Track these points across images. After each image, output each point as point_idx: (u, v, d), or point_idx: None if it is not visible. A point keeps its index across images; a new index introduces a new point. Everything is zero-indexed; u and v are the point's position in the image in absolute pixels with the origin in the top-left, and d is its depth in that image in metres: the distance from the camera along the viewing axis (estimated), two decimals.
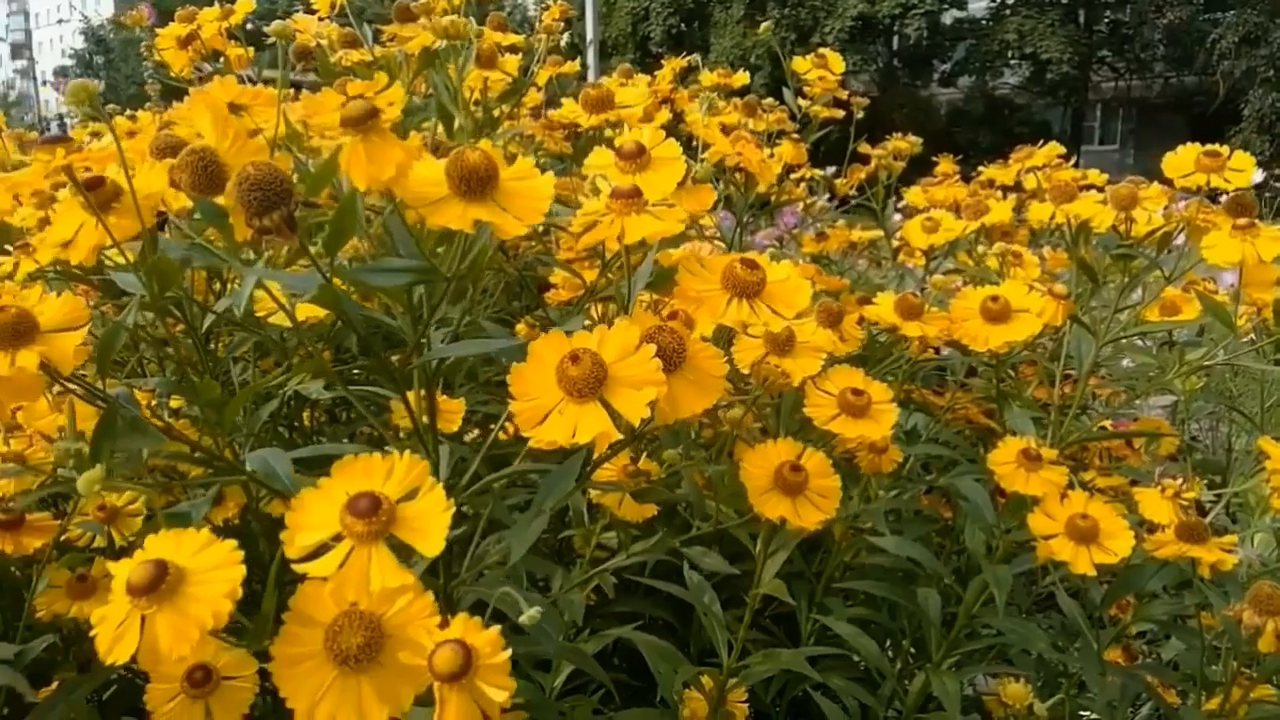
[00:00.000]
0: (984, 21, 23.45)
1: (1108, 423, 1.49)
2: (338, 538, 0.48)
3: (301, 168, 0.72)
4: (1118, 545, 0.91)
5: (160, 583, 0.46)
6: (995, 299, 0.94)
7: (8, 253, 0.99)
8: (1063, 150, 1.32)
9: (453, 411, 1.04)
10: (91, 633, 0.47)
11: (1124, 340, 1.17)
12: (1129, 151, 23.93)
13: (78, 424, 0.79)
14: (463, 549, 0.83)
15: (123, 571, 0.47)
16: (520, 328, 1.36)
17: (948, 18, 23.41)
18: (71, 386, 0.60)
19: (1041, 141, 1.34)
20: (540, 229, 1.16)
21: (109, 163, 0.59)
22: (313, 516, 0.49)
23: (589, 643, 1.09)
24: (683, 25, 23.81)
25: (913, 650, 1.34)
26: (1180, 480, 1.04)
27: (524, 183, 0.54)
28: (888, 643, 1.36)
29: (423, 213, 0.51)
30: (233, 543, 0.48)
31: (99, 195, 0.58)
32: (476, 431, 1.23)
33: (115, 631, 0.46)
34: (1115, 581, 1.13)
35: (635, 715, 1.08)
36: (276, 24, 0.70)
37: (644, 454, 0.88)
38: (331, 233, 0.52)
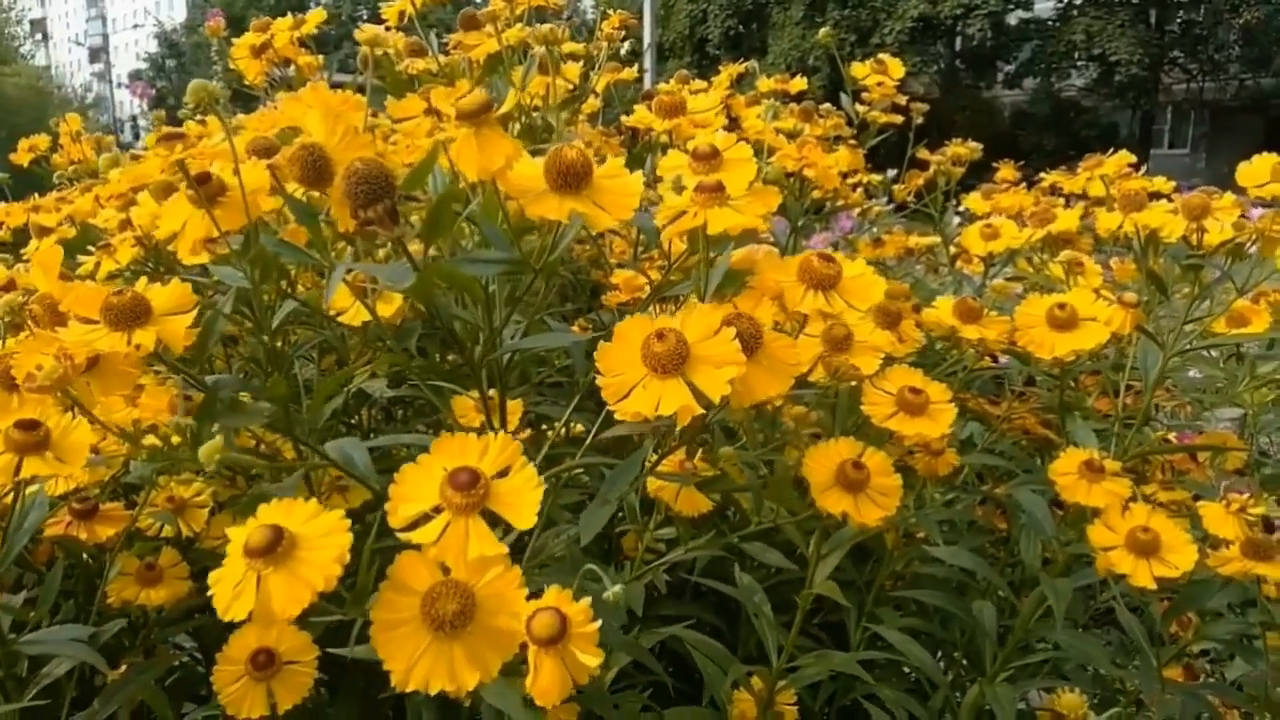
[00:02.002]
0: (1050, 22, 23.23)
1: (1171, 435, 1.50)
2: (437, 509, 0.54)
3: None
4: (1179, 559, 0.93)
5: (276, 546, 0.51)
6: (1062, 306, 0.96)
7: (90, 253, 1.07)
8: (1133, 159, 1.34)
9: (512, 411, 1.10)
10: (208, 592, 0.53)
11: (1191, 352, 1.19)
12: (1200, 155, 23.51)
13: (150, 414, 0.86)
14: (520, 544, 0.89)
15: (239, 535, 0.53)
16: (574, 329, 1.42)
17: (1012, 18, 23.24)
18: (174, 366, 0.66)
19: (1112, 150, 1.37)
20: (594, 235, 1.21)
21: (214, 160, 0.66)
22: (414, 489, 0.55)
23: (639, 641, 1.14)
24: (740, 27, 23.95)
25: (964, 663, 1.36)
26: (1246, 494, 1.05)
27: (615, 180, 0.59)
28: (939, 654, 1.38)
29: (523, 203, 0.57)
30: (340, 512, 0.54)
31: (206, 190, 0.64)
32: (528, 431, 1.29)
33: (233, 591, 0.51)
34: (1177, 597, 1.15)
35: (685, 713, 1.13)
36: (367, 33, 0.76)
37: (699, 452, 0.93)
38: (428, 225, 0.58)
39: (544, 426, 1.33)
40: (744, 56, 1.61)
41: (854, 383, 0.77)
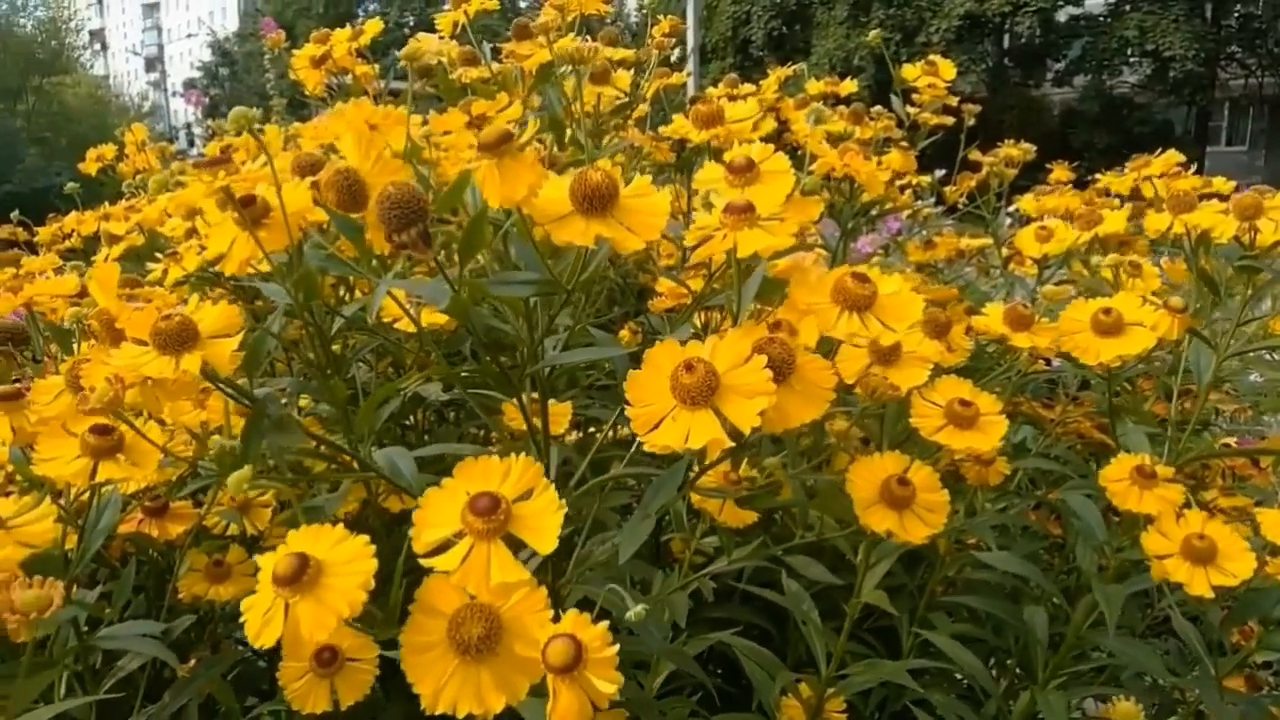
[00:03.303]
0: (1101, 18, 22.41)
1: (1231, 440, 1.42)
2: (460, 534, 0.51)
3: (423, 179, 0.76)
4: (1237, 567, 0.87)
5: (302, 574, 0.50)
6: (1108, 311, 0.91)
7: (158, 260, 1.07)
8: (1182, 158, 1.27)
9: (560, 415, 1.08)
10: (241, 618, 0.51)
11: (1251, 355, 1.12)
12: (1259, 153, 22.53)
13: (218, 416, 0.85)
14: (568, 549, 0.86)
15: (268, 563, 0.51)
16: (624, 334, 1.39)
17: (1062, 15, 22.47)
18: (223, 388, 0.65)
19: (1161, 150, 1.29)
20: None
21: (259, 182, 0.64)
22: (437, 514, 0.53)
23: (688, 646, 1.11)
24: (784, 28, 23.51)
25: (1018, 670, 1.31)
26: None
27: (642, 199, 0.56)
28: (991, 661, 1.33)
29: (548, 229, 0.54)
30: (365, 537, 0.52)
31: (251, 212, 0.62)
32: (576, 434, 1.26)
33: (263, 618, 0.50)
34: (1235, 606, 1.08)
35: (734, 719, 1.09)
36: (407, 48, 0.74)
37: (744, 461, 0.89)
38: (463, 247, 0.55)
39: (592, 429, 1.30)
40: (787, 57, 1.56)
41: (894, 400, 0.72)
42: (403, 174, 0.59)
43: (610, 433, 1.17)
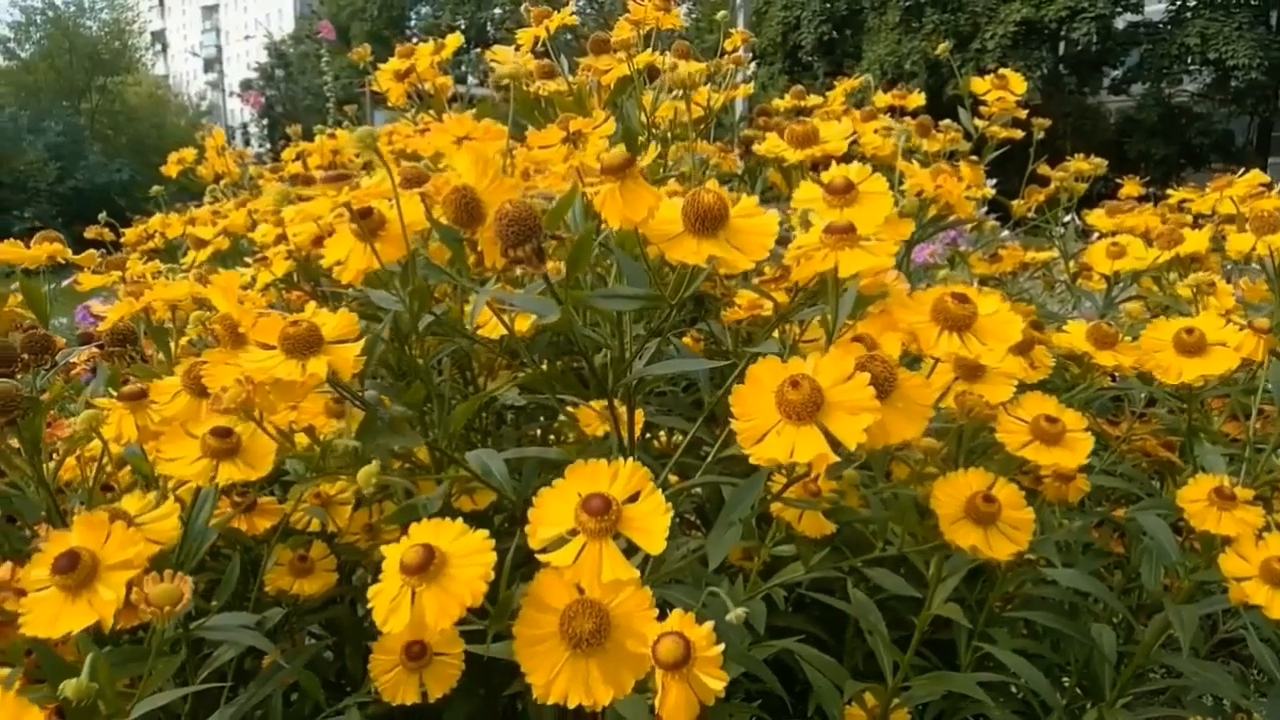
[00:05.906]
0: (1161, 25, 21.87)
1: None
2: (573, 533, 0.54)
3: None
4: None
5: (429, 564, 0.53)
6: (1190, 331, 0.91)
7: (246, 264, 1.12)
8: (1266, 178, 1.26)
9: (638, 421, 1.10)
10: (368, 605, 0.55)
11: None
12: None
13: (308, 417, 0.89)
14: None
15: (394, 554, 0.54)
16: (687, 340, 1.40)
17: (1120, 21, 21.98)
18: (341, 390, 0.68)
19: (1243, 170, 1.27)
20: None
21: (375, 199, 0.68)
22: (550, 513, 0.55)
23: (752, 652, 1.12)
24: (834, 33, 23.21)
25: (1077, 689, 1.30)
26: None
27: (750, 220, 0.58)
28: (1048, 678, 1.32)
29: (662, 248, 0.56)
30: (484, 532, 0.55)
31: (368, 224, 0.66)
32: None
33: (390, 604, 0.53)
34: None
35: None
36: (507, 67, 0.77)
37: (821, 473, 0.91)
38: (570, 262, 0.58)
39: (648, 435, 1.32)
40: (838, 63, 1.57)
41: (989, 417, 0.73)
42: (516, 192, 0.62)
43: (670, 439, 1.18)
